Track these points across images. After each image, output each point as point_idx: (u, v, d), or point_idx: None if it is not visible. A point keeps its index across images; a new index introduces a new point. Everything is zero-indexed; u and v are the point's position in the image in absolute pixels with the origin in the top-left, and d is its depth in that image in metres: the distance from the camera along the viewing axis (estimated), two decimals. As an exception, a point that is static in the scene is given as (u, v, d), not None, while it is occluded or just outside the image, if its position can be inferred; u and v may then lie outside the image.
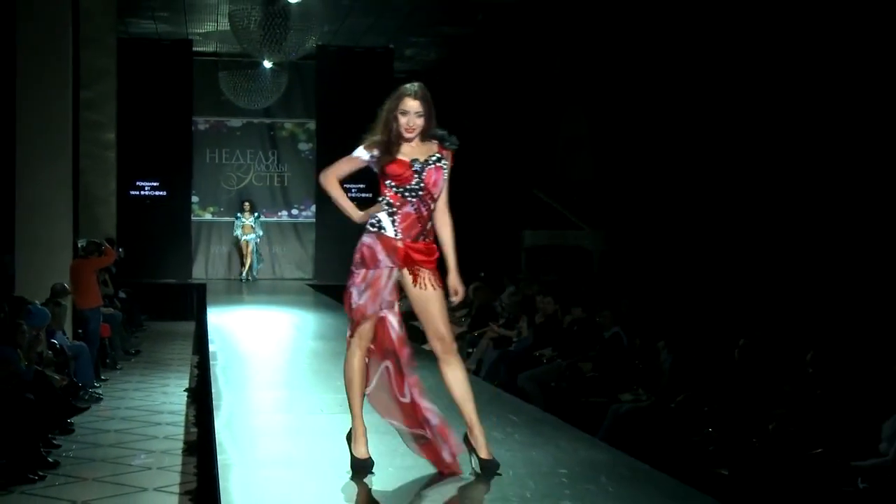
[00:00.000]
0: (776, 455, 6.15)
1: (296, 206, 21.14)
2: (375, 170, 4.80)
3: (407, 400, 4.62)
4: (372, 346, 4.64)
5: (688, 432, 7.12)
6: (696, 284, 12.53)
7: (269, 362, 8.86)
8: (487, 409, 6.53)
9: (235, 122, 20.85)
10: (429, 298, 4.58)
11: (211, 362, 8.42)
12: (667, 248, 14.09)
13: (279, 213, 21.08)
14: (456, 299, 4.67)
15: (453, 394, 4.60)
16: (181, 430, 9.07)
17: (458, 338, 11.58)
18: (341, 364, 4.66)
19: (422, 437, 4.61)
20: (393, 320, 4.65)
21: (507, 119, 19.76)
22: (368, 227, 4.76)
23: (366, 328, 4.58)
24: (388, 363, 4.65)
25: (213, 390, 7.01)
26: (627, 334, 9.36)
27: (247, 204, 19.72)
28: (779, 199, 11.47)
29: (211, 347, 9.50)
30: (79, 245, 12.66)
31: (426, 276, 4.61)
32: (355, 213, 4.81)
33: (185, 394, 10.94)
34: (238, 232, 19.60)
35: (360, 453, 4.63)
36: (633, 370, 8.73)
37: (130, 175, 19.15)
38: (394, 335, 4.63)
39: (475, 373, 10.19)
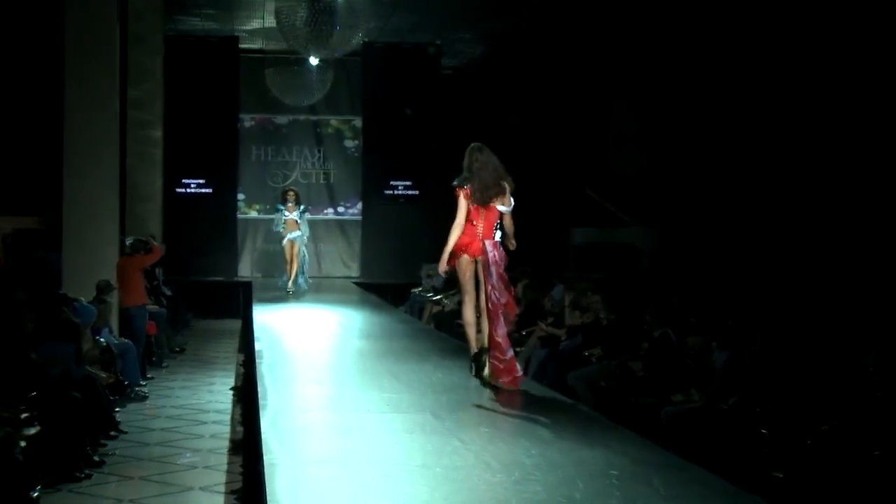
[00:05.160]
0: (832, 457, 6.01)
1: (342, 203, 21.18)
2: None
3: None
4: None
5: (741, 434, 6.99)
6: (749, 282, 12.34)
7: (314, 361, 8.84)
8: (536, 408, 6.59)
9: (281, 119, 20.94)
10: None
11: (257, 360, 8.43)
12: (718, 245, 13.94)
13: (325, 211, 21.12)
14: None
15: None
16: (227, 429, 9.09)
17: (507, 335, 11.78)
18: (388, 364, 4.73)
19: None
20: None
21: (555, 115, 19.65)
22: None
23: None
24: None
25: (258, 389, 7.02)
26: (677, 333, 9.21)
27: (290, 194, 16.27)
28: (832, 196, 11.36)
29: (257, 346, 9.50)
30: (125, 243, 12.73)
31: None
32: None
33: (231, 392, 10.97)
34: (280, 228, 16.17)
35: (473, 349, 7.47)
36: (684, 370, 8.59)
37: (177, 173, 19.26)
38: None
39: (524, 372, 10.12)
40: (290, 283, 15.91)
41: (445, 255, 7.54)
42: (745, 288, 12.12)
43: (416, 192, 20.35)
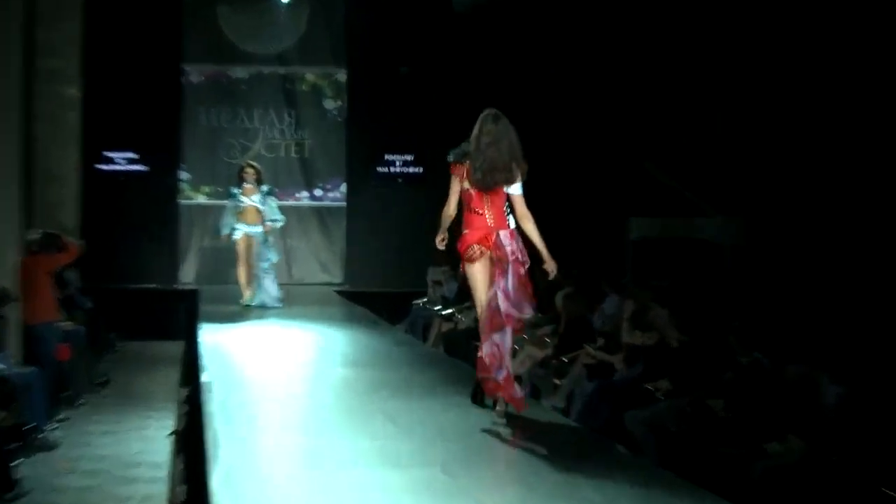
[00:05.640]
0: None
1: (320, 184, 21.28)
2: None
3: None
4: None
5: (857, 496, 6.96)
6: (872, 293, 12.14)
7: (283, 397, 8.85)
8: (582, 460, 6.57)
9: (240, 73, 20.95)
10: None
11: (204, 397, 8.44)
12: (831, 241, 13.74)
13: (298, 195, 21.18)
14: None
15: None
16: (164, 490, 9.05)
17: (542, 364, 11.81)
18: (381, 401, 4.74)
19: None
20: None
21: (606, 64, 19.30)
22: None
23: None
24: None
25: (207, 435, 7.01)
26: (772, 361, 9.14)
27: (249, 171, 15.89)
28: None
29: (204, 377, 9.49)
30: (29, 238, 12.65)
31: None
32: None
33: (170, 439, 10.89)
34: (230, 226, 15.80)
35: None
36: (782, 410, 8.52)
37: (99, 144, 19.21)
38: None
39: (565, 412, 10.18)
40: (246, 296, 15.76)
41: (441, 232, 8.12)
42: (866, 301, 11.89)
43: (419, 170, 20.50)
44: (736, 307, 11.26)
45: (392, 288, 19.18)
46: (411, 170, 20.65)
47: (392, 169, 20.67)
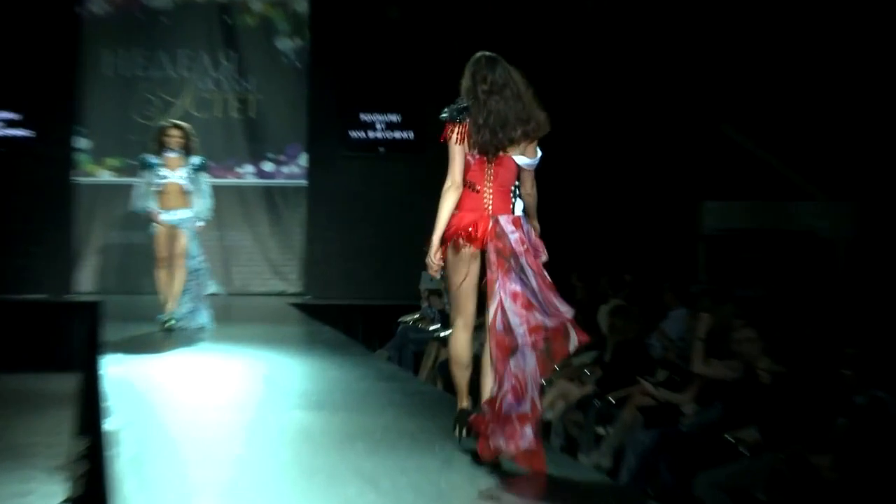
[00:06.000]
0: None
1: (271, 155, 21.49)
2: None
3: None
4: None
5: None
6: None
7: (218, 454, 8.72)
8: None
9: (158, 1, 21.01)
10: None
11: (109, 452, 8.28)
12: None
13: (240, 170, 21.36)
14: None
15: None
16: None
17: (581, 406, 12.00)
18: (357, 456, 4.98)
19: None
20: None
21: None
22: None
23: None
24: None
25: (113, 504, 6.89)
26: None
27: (174, 133, 15.49)
28: None
29: (109, 424, 9.32)
30: None
31: None
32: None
33: (63, 510, 10.79)
34: (146, 202, 15.52)
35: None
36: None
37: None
38: None
39: (612, 473, 10.27)
40: (168, 311, 15.47)
41: (436, 240, 8.00)
42: None
43: (409, 136, 20.78)
44: (851, 326, 11.25)
45: (370, 299, 19.42)
46: (397, 135, 20.79)
47: (371, 134, 20.86)
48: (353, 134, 20.73)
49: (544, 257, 7.88)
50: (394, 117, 20.72)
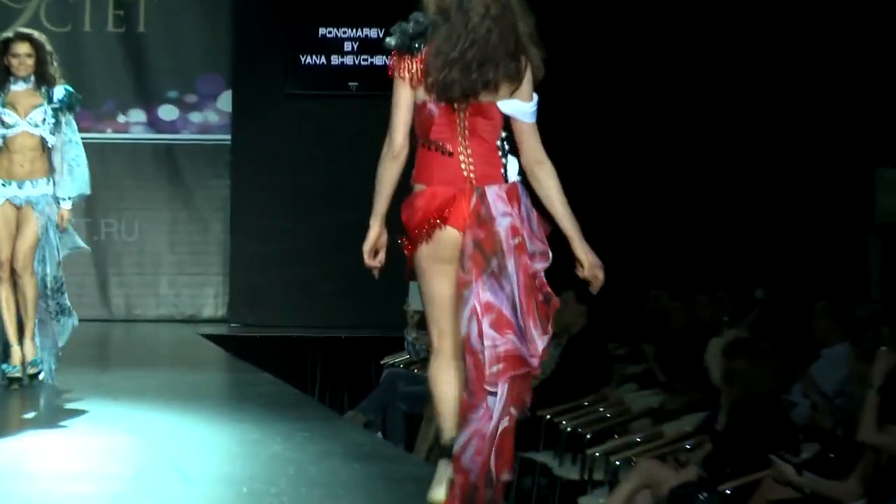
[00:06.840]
0: None
1: (172, 93, 20.07)
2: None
3: None
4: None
5: None
6: None
7: None
8: None
9: None
10: None
11: None
12: None
13: (124, 118, 20.18)
14: None
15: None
16: None
17: (679, 498, 11.72)
18: None
19: None
20: None
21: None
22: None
23: None
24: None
25: None
26: None
27: (21, 50, 13.21)
28: None
29: None
30: None
31: None
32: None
33: None
34: None
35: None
36: None
37: None
38: None
39: None
40: (17, 356, 13.06)
41: (373, 235, 6.95)
42: None
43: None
44: None
45: (333, 328, 18.20)
46: (377, 62, 18.46)
47: (335, 60, 18.87)
48: (307, 60, 18.53)
49: (542, 263, 6.67)
50: (371, 32, 18.19)
